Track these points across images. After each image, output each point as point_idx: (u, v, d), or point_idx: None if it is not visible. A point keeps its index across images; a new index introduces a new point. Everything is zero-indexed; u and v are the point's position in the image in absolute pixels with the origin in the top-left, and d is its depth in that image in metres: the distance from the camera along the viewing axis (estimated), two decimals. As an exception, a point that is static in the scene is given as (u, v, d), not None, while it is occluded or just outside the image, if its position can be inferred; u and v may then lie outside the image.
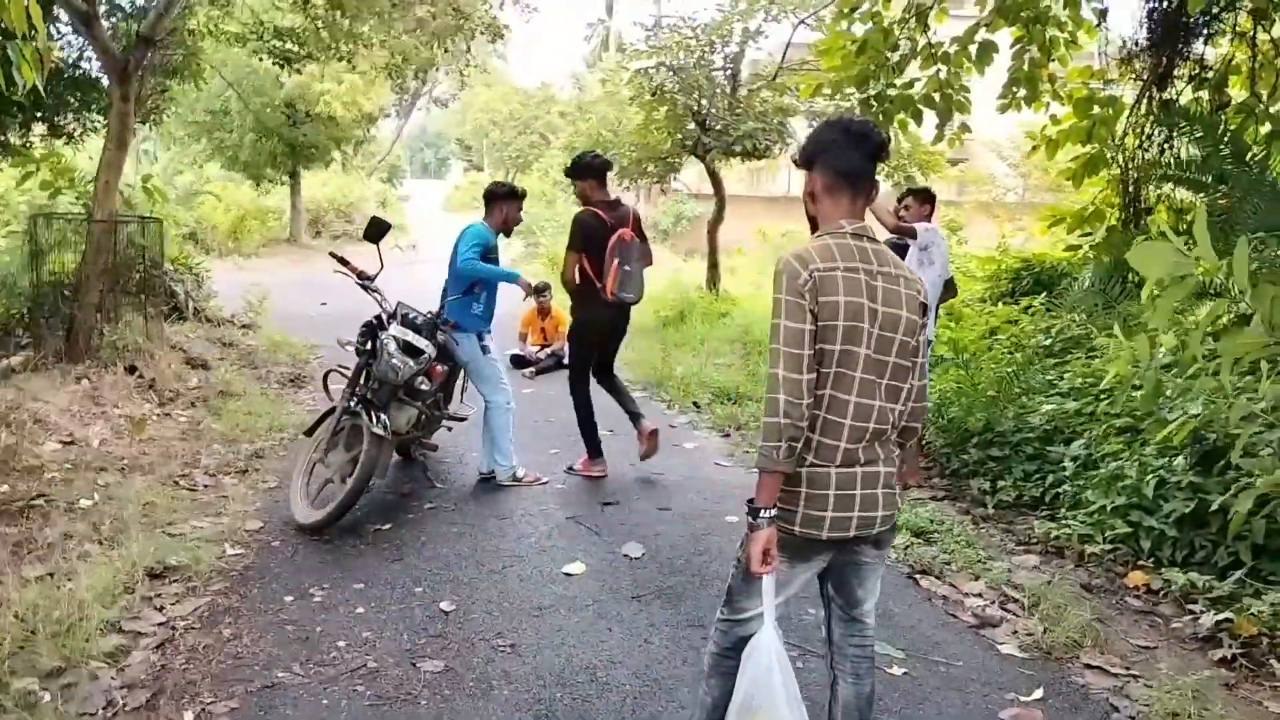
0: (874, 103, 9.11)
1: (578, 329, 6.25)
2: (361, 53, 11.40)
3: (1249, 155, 7.45)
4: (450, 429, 6.07)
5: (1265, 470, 4.08)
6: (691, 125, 12.71)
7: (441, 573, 4.53)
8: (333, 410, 5.36)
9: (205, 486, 5.67)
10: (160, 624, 3.90)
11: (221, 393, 7.75)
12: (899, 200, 6.47)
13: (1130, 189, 9.19)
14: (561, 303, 8.71)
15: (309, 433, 5.45)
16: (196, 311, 10.88)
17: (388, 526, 5.14)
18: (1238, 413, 4.02)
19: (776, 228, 21.18)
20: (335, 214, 28.54)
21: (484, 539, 5.02)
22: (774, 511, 2.38)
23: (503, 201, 5.96)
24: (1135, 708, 3.46)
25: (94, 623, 3.66)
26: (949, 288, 6.42)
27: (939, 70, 8.76)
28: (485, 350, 5.97)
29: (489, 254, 5.84)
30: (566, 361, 6.98)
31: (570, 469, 6.31)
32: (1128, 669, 3.78)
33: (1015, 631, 4.09)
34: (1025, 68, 8.57)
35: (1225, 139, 7.61)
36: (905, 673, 3.71)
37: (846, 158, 2.42)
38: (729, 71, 12.81)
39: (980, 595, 4.46)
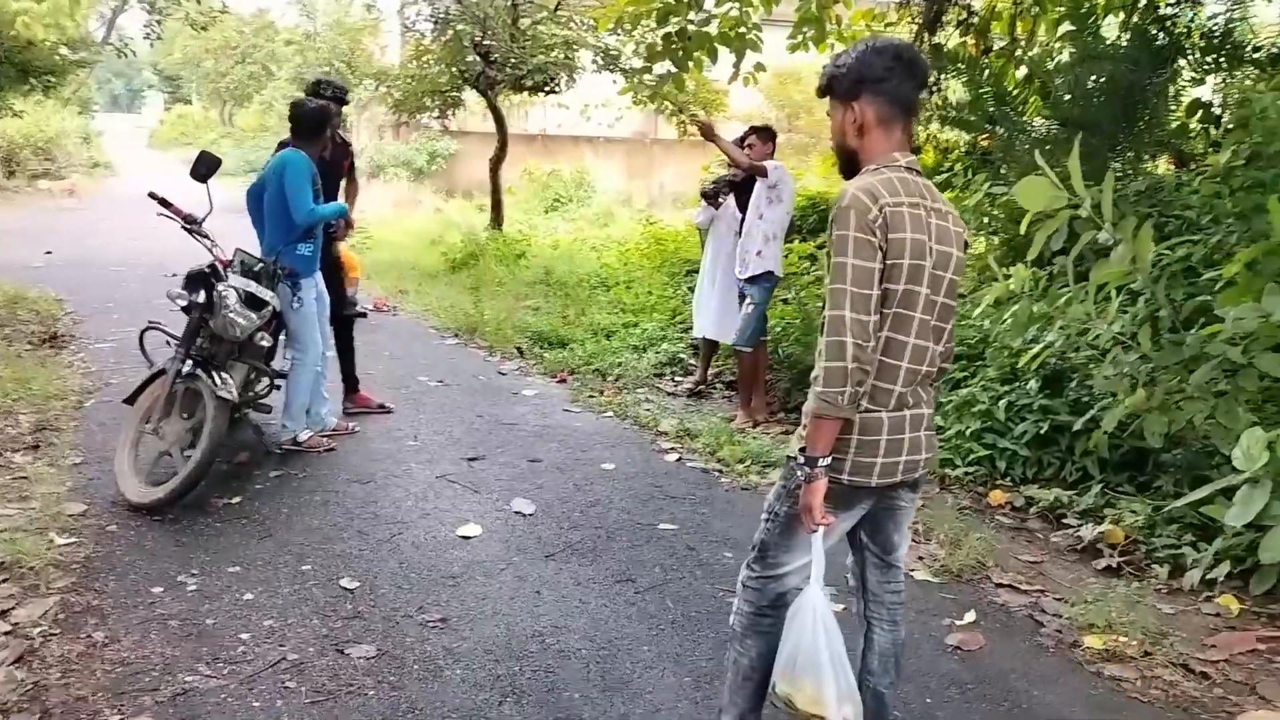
0: (675, 39, 9.08)
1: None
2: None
3: (1009, 98, 8.07)
4: (279, 387, 5.50)
5: (1125, 391, 4.41)
6: (473, 57, 12.11)
7: (324, 546, 4.10)
8: (160, 374, 4.69)
9: (-6, 468, 4.85)
10: (6, 633, 3.28)
11: (-30, 358, 6.65)
12: (741, 138, 6.45)
13: (905, 129, 9.71)
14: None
15: (130, 400, 4.75)
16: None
17: (238, 500, 4.59)
18: (1105, 337, 4.32)
19: (538, 166, 20.78)
20: (32, 151, 25.20)
21: (355, 506, 4.59)
22: (829, 460, 2.27)
23: (327, 133, 5.37)
24: (1058, 622, 3.67)
25: (-72, 641, 3.03)
26: (792, 225, 6.52)
27: (732, 8, 8.84)
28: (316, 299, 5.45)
29: (314, 188, 5.24)
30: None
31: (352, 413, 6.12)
32: (1031, 584, 4.01)
33: (921, 558, 4.23)
34: (814, 9, 8.77)
35: (989, 82, 8.19)
36: (845, 608, 3.73)
37: (903, 87, 2.29)
38: (509, 2, 12.26)
39: (875, 525, 4.58)
